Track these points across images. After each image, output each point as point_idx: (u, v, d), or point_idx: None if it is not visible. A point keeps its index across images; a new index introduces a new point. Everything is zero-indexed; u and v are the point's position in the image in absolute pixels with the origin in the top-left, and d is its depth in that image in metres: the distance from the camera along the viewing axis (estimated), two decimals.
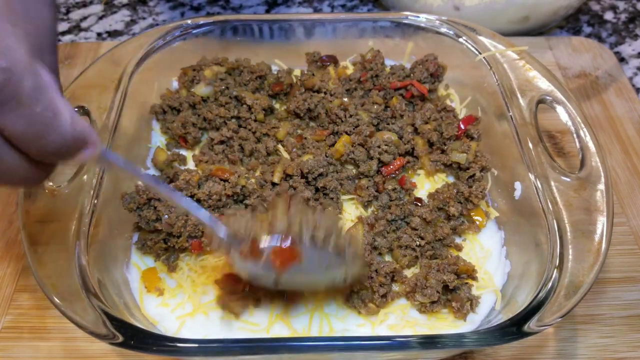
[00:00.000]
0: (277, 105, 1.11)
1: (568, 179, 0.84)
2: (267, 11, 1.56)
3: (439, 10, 1.37)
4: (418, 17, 1.12)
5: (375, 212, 0.93)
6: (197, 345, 0.69)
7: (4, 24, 0.47)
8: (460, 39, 1.08)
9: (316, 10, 1.57)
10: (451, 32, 1.09)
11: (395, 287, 0.87)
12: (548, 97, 0.94)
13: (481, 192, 0.93)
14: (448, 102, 1.12)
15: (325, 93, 1.07)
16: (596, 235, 0.77)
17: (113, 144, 0.90)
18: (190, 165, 1.04)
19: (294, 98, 1.06)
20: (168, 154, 1.02)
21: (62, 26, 1.56)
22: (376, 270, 0.84)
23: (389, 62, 1.15)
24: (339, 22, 1.14)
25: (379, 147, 0.96)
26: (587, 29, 1.53)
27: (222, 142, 1.02)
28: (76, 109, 0.92)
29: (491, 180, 0.99)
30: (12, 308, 0.92)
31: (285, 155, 1.00)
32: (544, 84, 0.96)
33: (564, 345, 0.88)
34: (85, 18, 1.58)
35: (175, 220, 0.85)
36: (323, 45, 1.15)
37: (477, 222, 0.94)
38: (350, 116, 1.03)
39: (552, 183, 0.84)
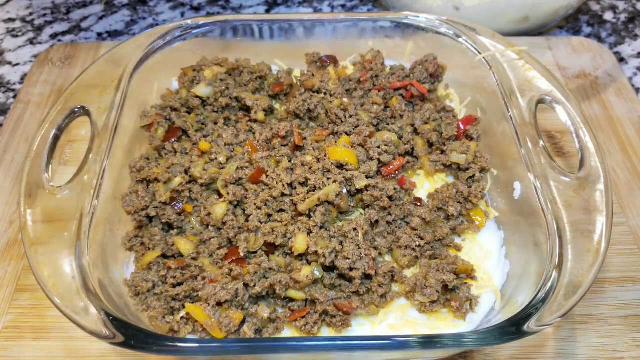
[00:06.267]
0: (277, 106, 1.11)
1: (567, 179, 0.84)
2: (267, 11, 1.57)
3: (439, 10, 1.38)
4: (418, 17, 1.12)
5: (375, 213, 0.93)
6: (197, 345, 0.69)
7: None
8: (460, 39, 1.08)
9: (316, 10, 1.57)
10: (451, 32, 1.09)
11: (395, 287, 0.87)
12: (548, 97, 0.94)
13: (480, 192, 0.93)
14: (448, 102, 1.12)
15: (325, 93, 1.07)
16: (595, 235, 0.77)
17: (113, 144, 0.90)
18: None
19: (294, 98, 1.06)
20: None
21: (62, 26, 1.56)
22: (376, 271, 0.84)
23: (389, 62, 1.15)
24: (339, 22, 1.14)
25: (378, 147, 0.96)
26: (587, 29, 1.53)
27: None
28: (76, 109, 0.92)
29: (491, 180, 0.99)
30: (12, 308, 0.93)
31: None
32: (543, 84, 0.96)
33: (563, 344, 0.89)
34: (85, 18, 1.58)
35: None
36: (323, 45, 1.15)
37: (477, 222, 0.94)
38: (350, 116, 1.03)
39: (552, 183, 0.84)
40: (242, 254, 0.85)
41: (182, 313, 0.82)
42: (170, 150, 1.00)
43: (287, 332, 0.83)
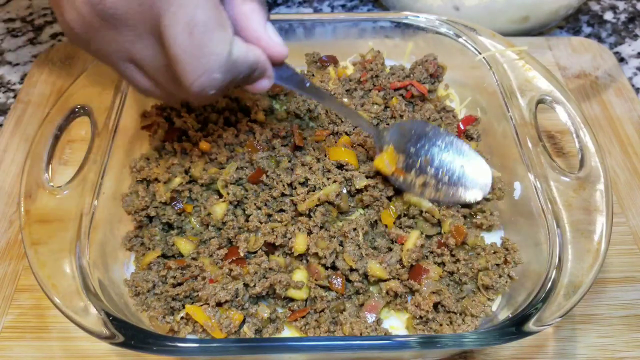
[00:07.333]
0: (277, 106, 1.11)
1: (567, 179, 0.84)
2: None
3: (439, 10, 1.38)
4: (418, 17, 1.12)
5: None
6: (197, 345, 0.69)
7: None
8: (460, 39, 1.08)
9: (316, 10, 1.57)
10: (451, 32, 1.09)
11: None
12: (548, 97, 0.94)
13: None
14: (448, 102, 1.12)
15: None
16: (595, 235, 0.77)
17: (113, 144, 0.90)
18: None
19: (294, 98, 1.06)
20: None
21: None
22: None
23: (388, 62, 1.15)
24: (339, 22, 1.14)
25: None
26: (587, 29, 1.53)
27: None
28: (77, 109, 0.92)
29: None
30: (12, 308, 0.93)
31: None
32: (543, 84, 0.96)
33: (563, 344, 0.89)
34: None
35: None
36: (323, 45, 1.15)
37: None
38: None
39: (552, 183, 0.84)
40: (242, 254, 0.85)
41: (182, 313, 0.82)
42: (170, 150, 1.00)
43: (287, 332, 0.83)
